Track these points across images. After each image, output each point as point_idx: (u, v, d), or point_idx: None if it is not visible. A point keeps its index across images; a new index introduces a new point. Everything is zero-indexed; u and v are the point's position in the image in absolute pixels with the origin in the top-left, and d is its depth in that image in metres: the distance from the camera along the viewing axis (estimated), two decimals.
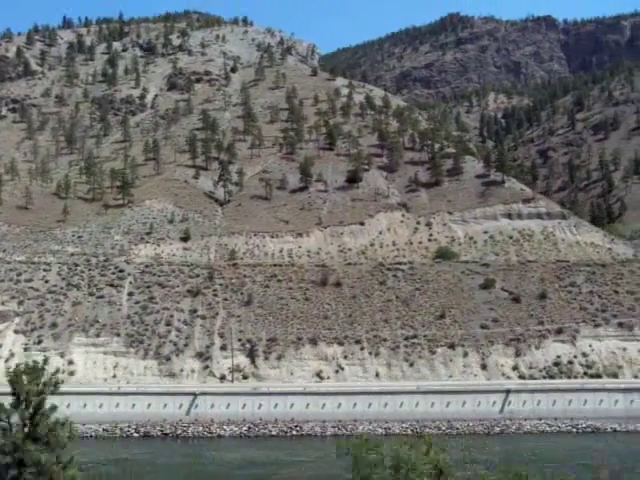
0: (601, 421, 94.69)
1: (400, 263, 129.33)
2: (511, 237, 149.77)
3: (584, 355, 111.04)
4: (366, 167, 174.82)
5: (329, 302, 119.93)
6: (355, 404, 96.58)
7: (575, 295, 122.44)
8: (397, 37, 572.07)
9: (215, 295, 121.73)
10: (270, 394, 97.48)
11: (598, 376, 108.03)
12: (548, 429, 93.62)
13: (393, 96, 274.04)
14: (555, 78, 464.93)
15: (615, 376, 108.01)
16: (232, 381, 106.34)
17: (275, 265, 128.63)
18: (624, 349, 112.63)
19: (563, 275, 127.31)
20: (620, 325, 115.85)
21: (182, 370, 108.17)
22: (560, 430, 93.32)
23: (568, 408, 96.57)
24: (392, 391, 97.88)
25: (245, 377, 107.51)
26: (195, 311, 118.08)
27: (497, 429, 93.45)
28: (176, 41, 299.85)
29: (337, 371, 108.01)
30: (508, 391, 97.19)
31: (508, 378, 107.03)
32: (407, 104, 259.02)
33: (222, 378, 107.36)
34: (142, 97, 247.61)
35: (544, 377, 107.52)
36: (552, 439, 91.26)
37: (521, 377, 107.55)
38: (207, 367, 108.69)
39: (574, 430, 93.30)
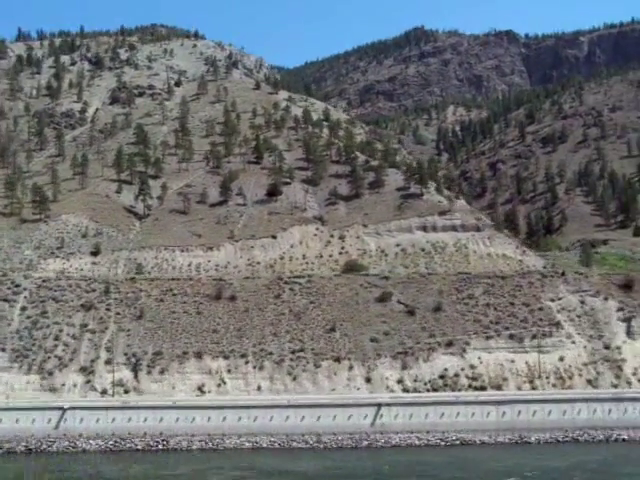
0: (472, 433, 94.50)
1: (298, 277, 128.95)
2: (423, 249, 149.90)
3: (472, 367, 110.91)
4: (288, 181, 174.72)
5: (221, 316, 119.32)
6: (224, 418, 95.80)
7: (471, 307, 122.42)
8: (363, 51, 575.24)
9: (108, 309, 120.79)
10: (139, 408, 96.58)
11: (483, 388, 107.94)
12: (417, 442, 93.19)
13: (335, 110, 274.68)
14: (516, 91, 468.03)
15: (499, 388, 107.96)
16: (113, 395, 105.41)
17: (172, 279, 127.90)
18: (512, 361, 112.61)
19: (462, 287, 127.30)
20: (511, 337, 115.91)
21: (64, 385, 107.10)
22: (428, 443, 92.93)
23: (440, 421, 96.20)
24: (262, 405, 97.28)
25: (127, 391, 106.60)
26: (86, 325, 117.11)
27: (365, 442, 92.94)
28: (124, 55, 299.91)
29: (219, 385, 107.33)
30: (379, 405, 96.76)
31: (392, 391, 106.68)
32: (348, 117, 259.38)
33: (104, 392, 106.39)
34: (83, 111, 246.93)
35: (428, 390, 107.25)
36: (418, 452, 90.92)
37: (405, 390, 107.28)
38: (89, 381, 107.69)
39: (442, 443, 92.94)
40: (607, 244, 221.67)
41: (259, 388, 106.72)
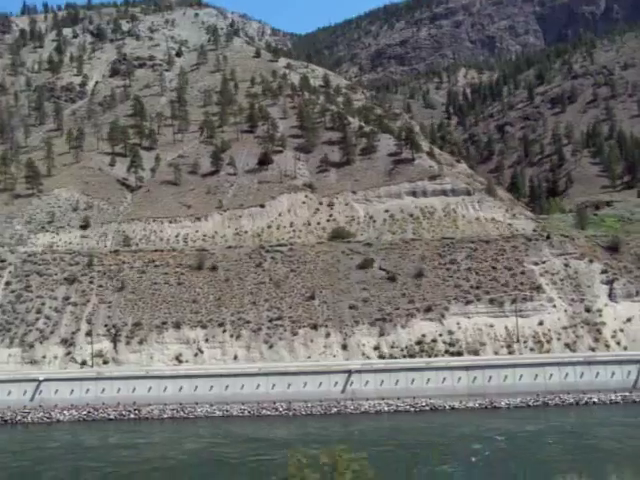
0: (443, 399, 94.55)
1: (281, 245, 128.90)
2: (411, 215, 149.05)
3: (450, 333, 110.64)
4: (280, 149, 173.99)
5: (201, 286, 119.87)
6: (196, 387, 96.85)
7: (453, 272, 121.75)
8: (374, 15, 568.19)
9: (91, 282, 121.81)
10: (113, 379, 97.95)
11: (460, 354, 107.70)
12: (387, 408, 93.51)
13: (336, 76, 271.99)
14: (530, 52, 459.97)
15: (476, 353, 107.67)
16: (92, 366, 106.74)
17: (155, 251, 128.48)
18: (491, 326, 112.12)
19: (445, 252, 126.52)
20: (491, 302, 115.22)
21: (44, 357, 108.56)
22: (398, 409, 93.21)
23: (410, 387, 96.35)
24: (233, 373, 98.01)
25: (106, 362, 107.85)
26: (68, 298, 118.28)
27: (335, 409, 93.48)
28: (125, 26, 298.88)
29: (196, 354, 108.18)
30: (349, 372, 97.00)
31: (368, 358, 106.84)
32: (349, 83, 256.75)
33: (83, 364, 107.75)
34: (83, 84, 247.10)
35: (404, 356, 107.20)
36: (388, 419, 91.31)
37: (381, 357, 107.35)
38: (69, 353, 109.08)
39: (412, 409, 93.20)
40: (611, 206, 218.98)
41: (235, 357, 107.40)
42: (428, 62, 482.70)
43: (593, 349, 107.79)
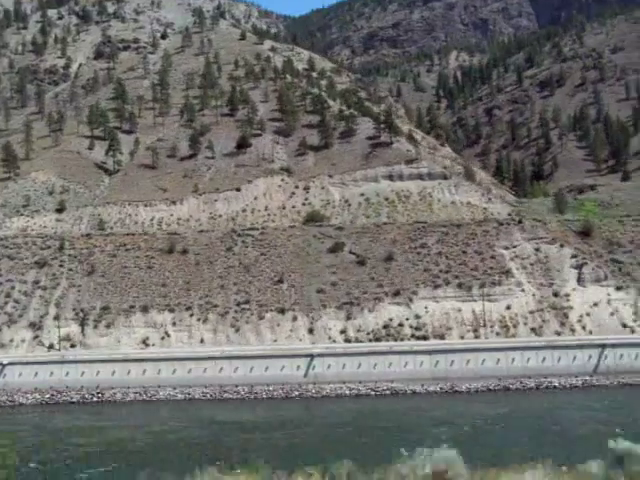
0: (405, 383, 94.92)
1: (252, 229, 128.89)
2: (387, 199, 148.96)
3: (417, 317, 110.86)
4: (259, 132, 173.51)
5: (171, 270, 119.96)
6: (160, 370, 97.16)
7: (423, 257, 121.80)
8: None
9: (61, 266, 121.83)
10: (77, 362, 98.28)
11: (426, 338, 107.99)
12: (348, 392, 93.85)
13: (322, 59, 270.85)
14: (523, 34, 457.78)
15: (442, 337, 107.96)
16: (59, 350, 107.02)
17: (127, 234, 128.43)
18: (459, 310, 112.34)
19: (416, 236, 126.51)
20: (460, 286, 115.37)
21: (12, 340, 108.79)
22: (359, 393, 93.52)
23: (373, 371, 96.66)
24: (196, 357, 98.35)
25: (73, 346, 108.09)
26: (38, 282, 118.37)
27: (296, 393, 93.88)
28: (111, 8, 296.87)
29: (163, 338, 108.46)
30: (312, 355, 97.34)
31: (334, 341, 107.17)
32: (334, 66, 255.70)
33: (50, 347, 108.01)
34: (66, 67, 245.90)
35: (370, 340, 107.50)
36: (349, 402, 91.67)
37: (347, 340, 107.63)
38: (37, 337, 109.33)
39: (373, 393, 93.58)
40: (595, 190, 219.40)
41: (202, 340, 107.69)
42: (420, 45, 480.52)
43: (559, 333, 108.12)
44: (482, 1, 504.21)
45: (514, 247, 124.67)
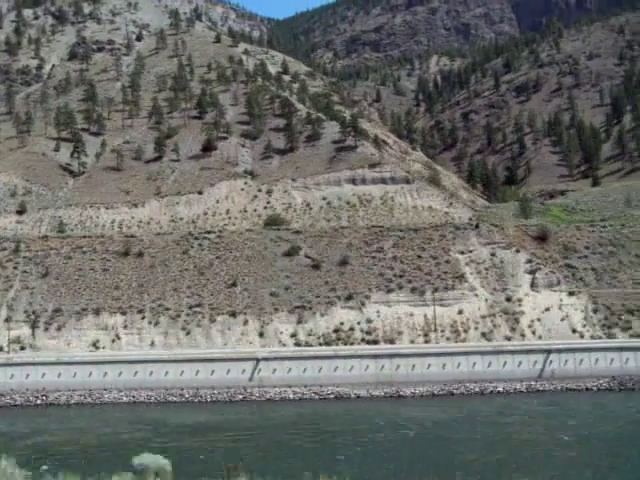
0: (350, 387, 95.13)
1: (209, 232, 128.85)
2: (348, 203, 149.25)
3: (368, 321, 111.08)
4: (225, 136, 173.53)
5: (126, 272, 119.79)
6: (106, 373, 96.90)
7: (378, 261, 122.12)
8: (351, 0, 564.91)
9: (15, 268, 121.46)
10: (22, 364, 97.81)
11: (376, 342, 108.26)
12: (292, 396, 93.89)
13: (296, 62, 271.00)
14: (504, 40, 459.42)
15: (393, 342, 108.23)
16: (8, 352, 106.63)
17: (84, 237, 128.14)
18: (411, 314, 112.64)
19: (372, 241, 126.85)
20: (413, 290, 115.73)
21: None
22: (303, 397, 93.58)
23: (319, 375, 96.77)
24: (143, 360, 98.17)
25: (23, 348, 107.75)
26: None
27: (240, 396, 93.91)
28: (87, 9, 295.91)
29: (114, 340, 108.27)
30: (257, 359, 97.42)
31: (283, 345, 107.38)
32: (309, 69, 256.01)
33: (0, 349, 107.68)
34: (39, 67, 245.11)
35: (321, 344, 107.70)
36: (291, 406, 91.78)
37: (297, 344, 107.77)
38: None
39: (317, 397, 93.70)
40: (565, 195, 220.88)
41: (153, 343, 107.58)
42: (403, 49, 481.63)
43: (509, 338, 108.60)
44: (464, 6, 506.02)
45: (470, 252, 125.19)
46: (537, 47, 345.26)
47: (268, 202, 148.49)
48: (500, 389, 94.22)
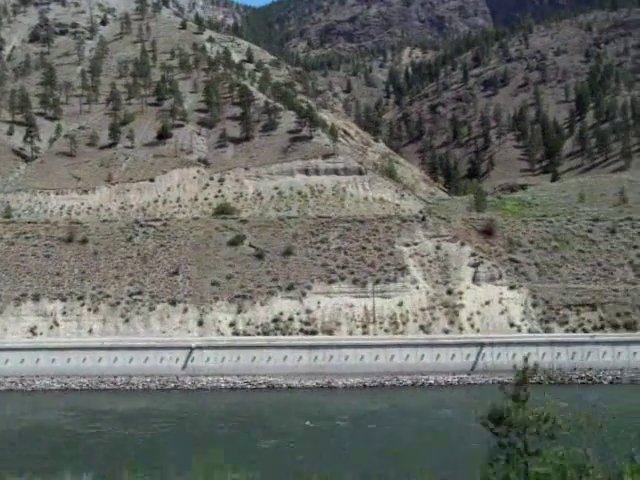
0: (282, 377, 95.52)
1: (155, 220, 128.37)
2: (300, 193, 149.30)
3: (308, 312, 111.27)
4: (182, 123, 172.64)
5: (68, 259, 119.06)
6: (38, 360, 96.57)
7: (322, 251, 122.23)
8: None
9: None
10: None
11: (314, 332, 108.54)
12: (223, 385, 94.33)
13: (261, 50, 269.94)
14: (476, 33, 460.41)
15: (331, 333, 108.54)
16: None
17: (29, 222, 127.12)
18: (351, 306, 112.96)
19: (318, 231, 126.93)
20: (354, 282, 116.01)
21: None
22: (235, 386, 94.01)
23: (252, 365, 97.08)
24: (76, 347, 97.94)
25: None
26: None
27: (172, 385, 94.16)
28: None
29: (52, 327, 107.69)
30: (191, 348, 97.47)
31: (222, 334, 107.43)
32: (274, 58, 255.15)
33: None
34: None
35: (259, 334, 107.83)
36: (222, 395, 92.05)
37: (235, 333, 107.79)
38: None
39: (249, 386, 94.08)
40: (525, 189, 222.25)
41: (91, 330, 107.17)
42: (376, 40, 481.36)
43: (447, 331, 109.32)
44: None
45: (415, 244, 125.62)
46: (507, 42, 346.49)
47: (219, 191, 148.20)
48: (432, 381, 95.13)
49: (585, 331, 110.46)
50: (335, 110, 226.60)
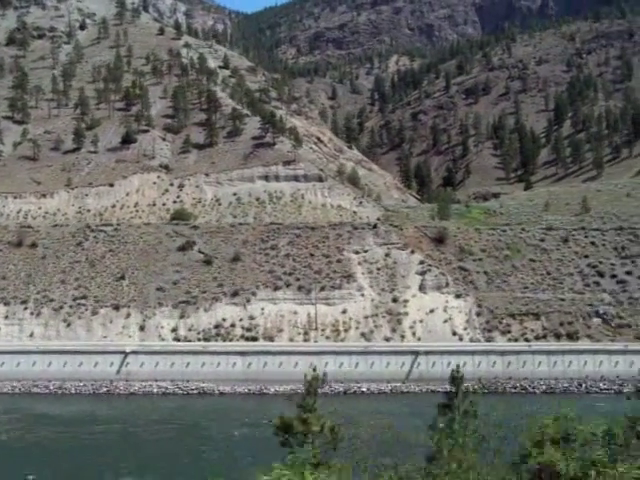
0: (215, 383, 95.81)
1: (106, 225, 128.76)
2: (258, 199, 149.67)
3: (251, 318, 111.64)
4: (146, 129, 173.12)
5: (16, 263, 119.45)
6: None
7: (270, 258, 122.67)
8: None
9: None
10: None
11: (255, 339, 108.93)
12: (156, 390, 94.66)
13: (240, 57, 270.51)
14: (462, 41, 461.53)
15: (272, 339, 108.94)
16: None
17: None
18: (295, 312, 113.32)
19: (268, 238, 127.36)
20: (300, 289, 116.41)
21: None
22: (167, 392, 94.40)
23: (186, 370, 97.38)
24: (10, 350, 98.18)
25: None
26: None
27: (105, 389, 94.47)
28: None
29: None
30: (125, 352, 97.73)
31: (163, 340, 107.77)
32: (251, 64, 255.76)
33: None
34: None
35: (199, 339, 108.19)
36: (153, 401, 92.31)
37: (176, 339, 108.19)
38: None
39: (181, 392, 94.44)
40: (498, 197, 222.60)
41: (32, 334, 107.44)
42: (366, 47, 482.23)
43: (388, 339, 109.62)
44: (429, 7, 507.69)
45: (365, 252, 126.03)
46: (490, 51, 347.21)
47: (178, 196, 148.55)
48: (364, 389, 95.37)
49: (527, 340, 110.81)
50: (310, 117, 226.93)
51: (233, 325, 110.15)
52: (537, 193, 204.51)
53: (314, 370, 28.98)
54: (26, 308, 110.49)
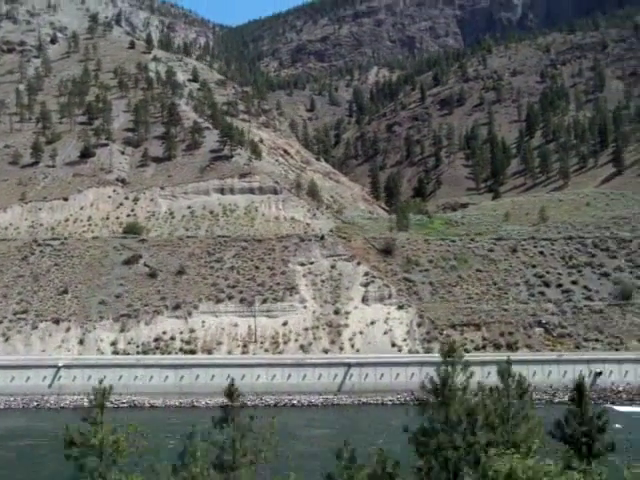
0: (148, 396, 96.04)
1: (54, 239, 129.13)
2: (212, 212, 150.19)
3: (191, 331, 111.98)
4: (106, 142, 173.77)
5: None
6: None
7: (215, 271, 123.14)
8: (301, 10, 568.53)
9: None
10: None
11: (193, 352, 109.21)
12: (87, 404, 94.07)
13: (210, 70, 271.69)
14: (438, 54, 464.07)
15: (210, 352, 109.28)
16: None
17: None
18: (236, 325, 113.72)
19: (215, 250, 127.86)
20: (242, 301, 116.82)
21: None
22: None
23: (119, 383, 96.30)
24: None
25: None
26: None
27: (35, 404, 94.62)
28: (4, 8, 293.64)
29: None
30: (58, 366, 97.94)
31: (102, 353, 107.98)
32: (222, 78, 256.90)
33: None
34: None
35: (138, 353, 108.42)
36: (79, 415, 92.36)
37: (115, 352, 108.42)
38: None
39: (110, 405, 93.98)
40: (466, 207, 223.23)
41: None
42: (347, 59, 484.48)
43: (327, 351, 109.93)
44: (410, 19, 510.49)
45: (311, 263, 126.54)
46: (466, 62, 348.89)
47: (132, 210, 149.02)
48: (296, 402, 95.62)
49: (467, 351, 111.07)
50: (278, 129, 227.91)
51: (173, 338, 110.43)
52: (502, 203, 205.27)
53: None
54: None
